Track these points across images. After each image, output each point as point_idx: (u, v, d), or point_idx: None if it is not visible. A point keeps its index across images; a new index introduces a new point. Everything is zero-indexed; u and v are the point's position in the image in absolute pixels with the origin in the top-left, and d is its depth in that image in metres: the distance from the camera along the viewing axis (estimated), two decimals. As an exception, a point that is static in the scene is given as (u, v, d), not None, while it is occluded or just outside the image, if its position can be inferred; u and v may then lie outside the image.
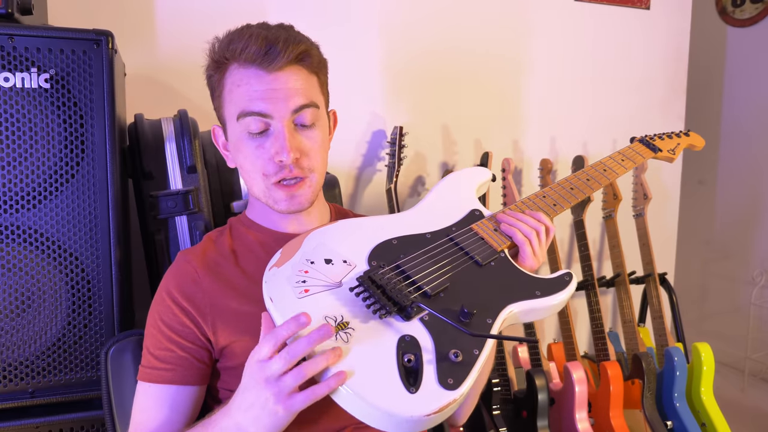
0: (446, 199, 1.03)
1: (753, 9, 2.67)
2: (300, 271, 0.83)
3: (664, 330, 2.02)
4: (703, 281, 2.99)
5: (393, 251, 0.89)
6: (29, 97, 1.07)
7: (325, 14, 1.84)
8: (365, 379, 0.72)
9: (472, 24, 2.04)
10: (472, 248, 0.92)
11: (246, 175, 0.95)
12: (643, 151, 1.20)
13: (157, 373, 0.91)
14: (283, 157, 0.89)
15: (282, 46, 0.88)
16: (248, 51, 0.88)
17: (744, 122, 2.77)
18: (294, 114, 0.90)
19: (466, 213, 1.00)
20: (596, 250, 2.39)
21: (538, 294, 0.88)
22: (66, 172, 1.11)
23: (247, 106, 0.89)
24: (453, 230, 0.96)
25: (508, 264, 0.92)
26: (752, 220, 2.77)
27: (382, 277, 0.82)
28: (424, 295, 0.82)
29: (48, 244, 1.10)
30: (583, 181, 1.08)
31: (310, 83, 0.92)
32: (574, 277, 0.91)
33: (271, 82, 0.88)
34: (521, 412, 1.82)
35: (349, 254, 0.87)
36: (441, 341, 0.77)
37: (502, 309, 0.84)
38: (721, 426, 1.82)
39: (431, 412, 0.70)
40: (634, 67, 2.32)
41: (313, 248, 0.87)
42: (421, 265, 0.87)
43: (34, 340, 1.10)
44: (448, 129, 2.07)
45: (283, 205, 0.94)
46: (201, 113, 1.36)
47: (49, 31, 1.08)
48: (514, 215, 0.97)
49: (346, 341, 0.75)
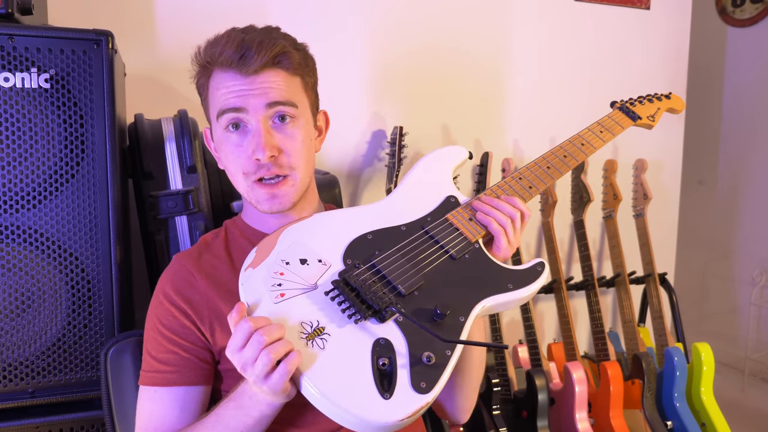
0: (422, 184, 1.01)
1: (753, 9, 2.67)
2: (275, 273, 0.83)
3: (664, 330, 2.02)
4: (703, 281, 2.99)
5: (368, 247, 0.88)
6: (29, 97, 1.07)
7: (327, 15, 1.84)
8: (341, 385, 0.73)
9: (472, 24, 2.04)
10: (446, 241, 0.91)
11: (230, 176, 0.96)
12: (622, 119, 1.16)
13: (162, 376, 0.90)
14: (259, 154, 0.89)
15: (256, 49, 0.88)
16: (225, 55, 0.89)
17: (744, 122, 2.77)
18: (269, 109, 0.90)
19: (442, 200, 0.98)
20: (596, 250, 2.39)
21: (510, 287, 0.88)
22: (66, 172, 1.11)
23: (224, 104, 0.90)
24: (428, 221, 0.94)
25: (481, 256, 0.92)
26: (752, 220, 2.77)
27: (356, 279, 0.81)
28: (398, 294, 0.82)
29: (48, 244, 1.10)
30: (560, 158, 1.05)
31: (289, 84, 0.92)
32: (546, 266, 0.91)
33: (248, 83, 0.90)
34: (521, 412, 1.82)
35: (324, 252, 0.86)
36: (414, 343, 0.78)
37: (475, 305, 0.84)
38: (721, 426, 1.82)
39: (405, 417, 0.72)
40: (634, 66, 2.32)
41: (288, 246, 0.86)
42: (395, 263, 0.86)
43: (34, 340, 1.10)
44: (448, 129, 2.07)
45: (265, 205, 0.94)
46: (201, 113, 1.36)
47: (49, 31, 1.08)
48: (490, 202, 0.95)
49: (323, 347, 0.76)
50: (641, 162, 2.11)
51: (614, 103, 1.21)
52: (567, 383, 1.76)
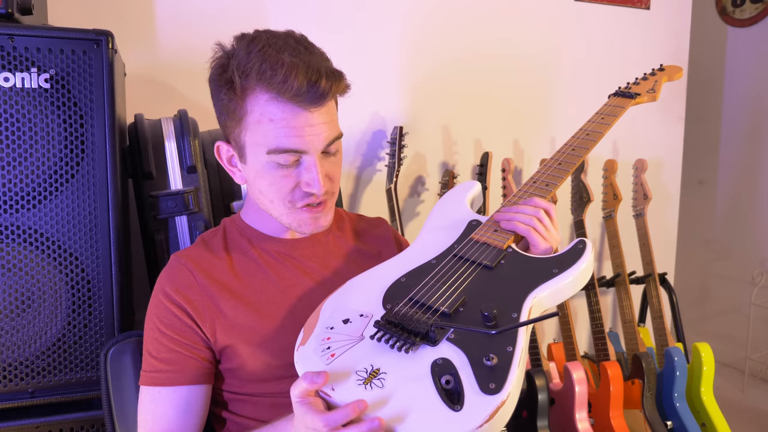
0: (443, 222, 1.02)
1: (753, 9, 2.67)
2: (323, 340, 0.83)
3: (664, 330, 2.02)
4: (703, 281, 2.99)
5: (404, 288, 0.88)
6: (29, 97, 1.07)
7: (327, 16, 1.84)
8: (412, 418, 0.72)
9: (472, 24, 2.04)
10: (477, 255, 0.91)
11: (264, 198, 0.93)
12: (621, 102, 1.18)
13: (165, 376, 0.90)
14: (315, 189, 0.89)
15: (325, 85, 0.84)
16: (289, 86, 0.82)
17: (744, 122, 2.77)
18: (327, 146, 0.90)
19: (464, 227, 0.99)
20: (596, 251, 2.39)
21: (555, 272, 0.86)
22: (66, 172, 1.10)
23: (282, 143, 0.86)
24: (455, 247, 0.95)
25: (518, 256, 0.91)
26: (752, 220, 2.76)
27: (397, 315, 0.82)
28: (443, 315, 0.82)
29: (48, 244, 1.10)
30: (568, 153, 1.07)
31: (335, 113, 0.92)
32: (589, 243, 0.89)
33: (309, 118, 0.85)
34: (521, 412, 1.82)
35: (364, 307, 0.87)
36: (472, 353, 0.76)
37: (525, 299, 0.83)
38: (721, 426, 1.82)
39: (482, 422, 0.70)
40: (634, 66, 2.31)
41: (330, 315, 0.87)
42: (432, 290, 0.86)
43: (34, 340, 1.10)
44: (448, 129, 2.07)
45: (308, 228, 0.94)
46: (201, 113, 1.36)
47: (49, 31, 1.08)
48: (509, 209, 0.96)
49: (382, 387, 0.75)
50: (641, 162, 2.11)
51: (610, 95, 1.22)
52: (567, 383, 1.76)
